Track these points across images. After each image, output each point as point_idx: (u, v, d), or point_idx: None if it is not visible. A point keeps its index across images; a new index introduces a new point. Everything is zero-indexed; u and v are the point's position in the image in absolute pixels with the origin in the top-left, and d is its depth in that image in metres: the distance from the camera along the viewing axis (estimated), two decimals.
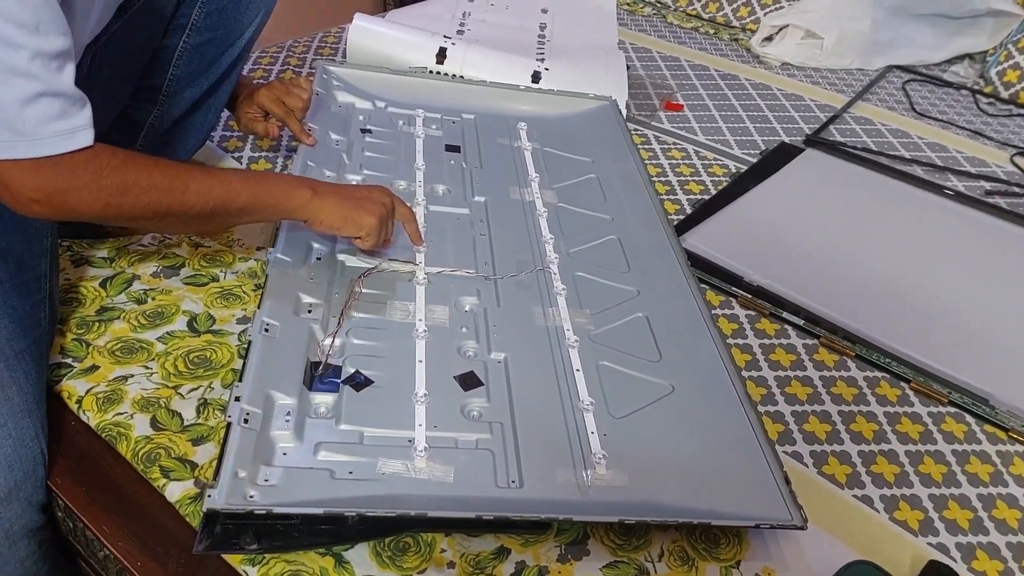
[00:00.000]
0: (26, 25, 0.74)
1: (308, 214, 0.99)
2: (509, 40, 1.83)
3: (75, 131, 0.80)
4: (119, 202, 0.85)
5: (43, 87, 0.76)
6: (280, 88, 1.30)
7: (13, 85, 0.75)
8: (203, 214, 0.92)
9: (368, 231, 1.02)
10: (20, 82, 0.75)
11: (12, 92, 0.75)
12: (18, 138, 0.77)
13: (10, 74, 0.74)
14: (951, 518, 0.96)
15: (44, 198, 0.81)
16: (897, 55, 2.19)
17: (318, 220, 1.00)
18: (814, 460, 1.01)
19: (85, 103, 0.81)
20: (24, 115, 0.76)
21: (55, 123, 0.78)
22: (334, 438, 0.86)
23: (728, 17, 2.33)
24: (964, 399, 1.12)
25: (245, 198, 0.94)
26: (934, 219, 1.53)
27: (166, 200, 0.88)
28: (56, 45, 0.77)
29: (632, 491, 0.86)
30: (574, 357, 1.02)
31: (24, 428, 0.89)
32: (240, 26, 1.21)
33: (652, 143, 1.68)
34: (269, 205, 0.97)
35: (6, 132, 0.76)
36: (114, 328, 1.06)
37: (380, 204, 1.04)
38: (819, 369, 1.15)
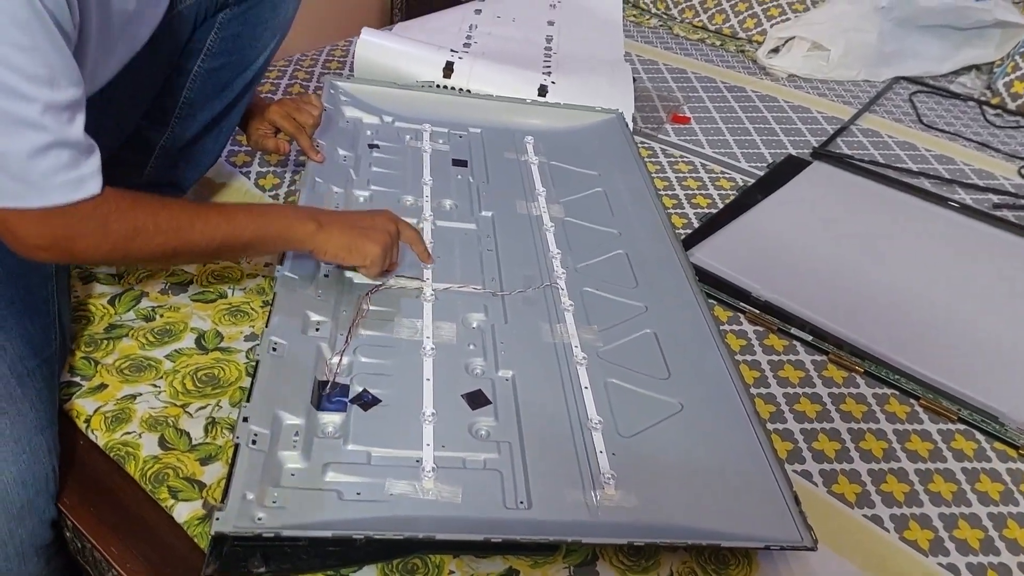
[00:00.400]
0: (39, 78, 0.74)
1: (314, 245, 1.00)
2: (516, 53, 1.83)
3: (83, 180, 0.80)
4: (126, 246, 0.86)
5: (53, 138, 0.76)
6: (291, 104, 1.30)
7: (24, 137, 0.75)
8: (209, 252, 0.93)
9: (372, 260, 1.03)
10: (30, 134, 0.75)
11: (22, 143, 0.75)
12: (27, 188, 0.77)
13: (21, 126, 0.74)
14: (961, 538, 0.96)
15: (51, 245, 0.82)
16: (904, 66, 2.19)
17: (323, 251, 1.01)
18: (824, 479, 1.01)
19: (93, 150, 0.82)
20: (33, 166, 0.76)
21: (64, 173, 0.78)
22: (342, 458, 0.86)
23: (735, 29, 2.33)
24: (974, 416, 1.12)
25: (250, 233, 0.95)
26: (942, 232, 1.53)
27: (172, 241, 0.89)
28: (68, 96, 0.77)
29: (641, 512, 0.86)
30: (582, 374, 1.02)
31: (37, 445, 0.89)
32: (255, 51, 1.21)
33: (659, 156, 1.68)
34: (274, 238, 0.98)
35: (15, 182, 0.76)
36: (122, 346, 1.06)
37: (384, 232, 1.05)
38: (828, 386, 1.15)
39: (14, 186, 0.76)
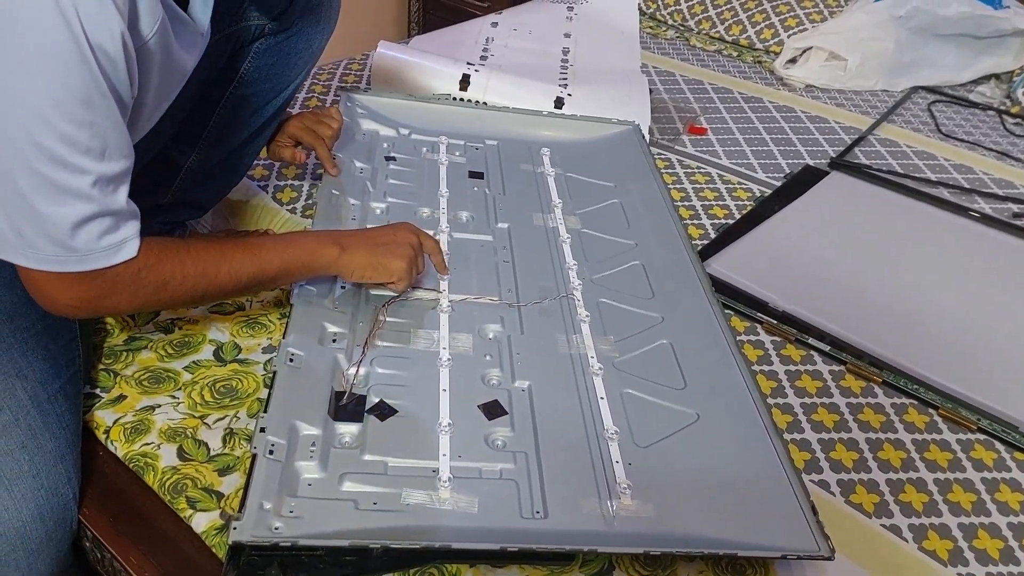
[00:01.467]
0: (92, 151, 0.75)
1: (338, 269, 1.01)
2: (532, 66, 1.84)
3: (122, 244, 0.81)
4: (156, 298, 0.88)
5: (99, 208, 0.78)
6: (311, 117, 1.31)
7: (71, 206, 0.76)
8: (237, 291, 0.95)
9: (399, 276, 1.04)
10: (78, 204, 0.76)
11: (69, 213, 0.76)
12: (67, 254, 0.78)
13: (69, 196, 0.76)
14: (980, 547, 0.95)
15: (84, 305, 0.84)
16: (922, 76, 2.19)
17: (349, 272, 1.02)
18: (841, 489, 1.00)
19: (135, 215, 0.83)
20: (76, 234, 0.77)
21: (105, 238, 0.80)
22: (359, 468, 0.86)
23: (751, 39, 2.33)
24: (993, 426, 1.11)
25: (276, 268, 0.96)
26: (961, 242, 1.52)
27: (201, 287, 0.90)
28: (117, 168, 0.79)
29: (657, 521, 0.86)
30: (598, 385, 1.02)
31: (57, 476, 0.89)
32: (287, 79, 1.23)
33: (675, 167, 1.68)
34: (299, 269, 0.99)
35: (58, 248, 0.78)
36: (141, 358, 1.07)
37: (407, 245, 1.05)
38: (846, 396, 1.14)
39: (54, 251, 0.78)
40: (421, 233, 1.09)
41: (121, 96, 0.77)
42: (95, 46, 0.72)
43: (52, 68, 0.71)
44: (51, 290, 0.82)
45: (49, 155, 0.73)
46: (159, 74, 0.84)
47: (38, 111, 0.71)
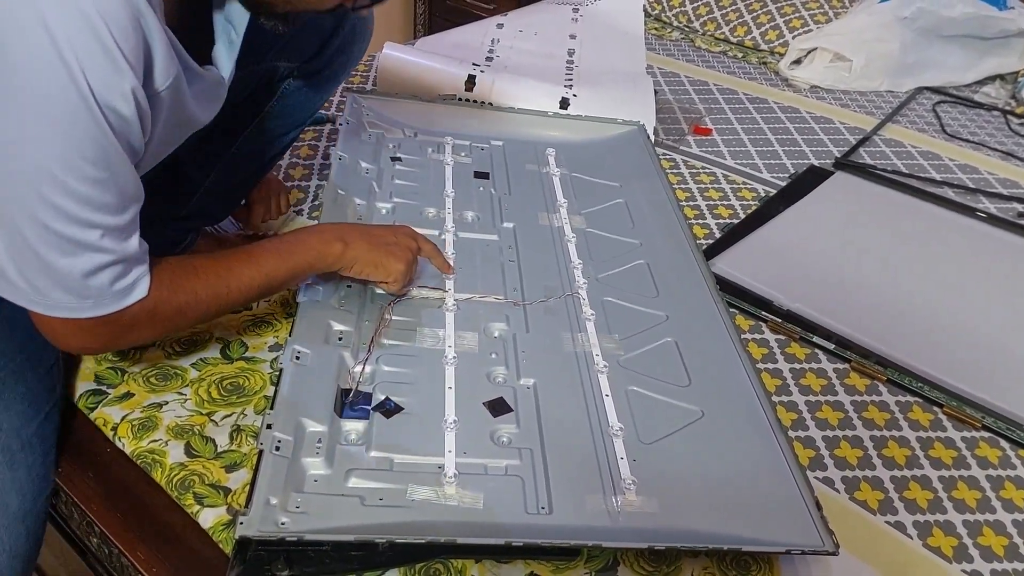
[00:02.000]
0: (106, 207, 0.76)
1: (341, 265, 1.02)
2: (537, 67, 1.84)
3: (134, 286, 0.82)
4: (173, 325, 0.90)
5: (111, 258, 0.78)
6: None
7: (83, 258, 0.76)
8: (248, 300, 0.97)
9: (396, 277, 1.05)
10: (89, 255, 0.77)
11: (81, 264, 0.76)
12: (80, 301, 0.78)
13: (82, 249, 0.76)
14: (986, 544, 0.95)
15: (102, 346, 0.88)
16: (926, 76, 2.19)
17: (349, 268, 1.03)
18: (846, 486, 1.01)
19: (144, 254, 0.83)
20: (90, 283, 0.78)
21: (117, 283, 0.80)
22: (364, 465, 0.87)
23: (756, 41, 2.34)
24: (998, 424, 1.11)
25: (283, 274, 0.97)
26: (966, 242, 1.52)
27: (214, 306, 0.92)
28: (128, 216, 0.79)
29: (662, 517, 0.86)
30: (603, 382, 1.02)
31: (18, 536, 0.88)
32: (309, 112, 1.25)
33: (680, 167, 1.69)
34: (305, 269, 1.00)
35: (71, 297, 0.78)
36: (149, 355, 1.07)
37: (407, 249, 1.07)
38: (850, 394, 1.15)
39: (68, 300, 0.78)
40: (420, 237, 1.10)
41: (133, 147, 0.77)
42: (106, 107, 0.70)
43: (63, 132, 0.70)
44: (66, 335, 0.83)
45: (62, 213, 0.73)
46: (166, 125, 0.83)
47: (50, 173, 0.71)
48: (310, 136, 1.64)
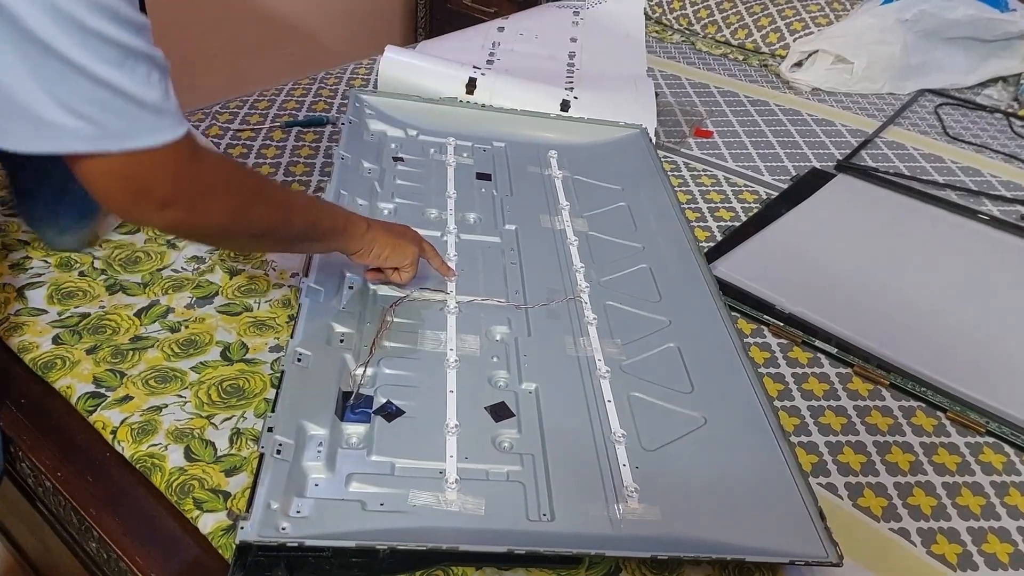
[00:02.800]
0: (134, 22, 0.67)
1: (363, 244, 1.01)
2: (538, 69, 1.84)
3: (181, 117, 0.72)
4: (240, 199, 0.81)
5: (159, 63, 0.69)
6: None
7: (133, 65, 0.67)
8: (274, 223, 0.88)
9: (411, 260, 1.05)
10: (134, 61, 0.67)
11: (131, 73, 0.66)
12: (141, 119, 0.67)
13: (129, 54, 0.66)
14: (990, 552, 0.95)
15: (184, 195, 0.74)
16: (929, 79, 2.18)
17: (370, 250, 1.02)
18: (849, 492, 1.00)
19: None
20: (147, 94, 0.67)
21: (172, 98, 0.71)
22: (365, 469, 0.86)
23: (757, 43, 2.33)
24: (1002, 429, 1.11)
25: (312, 216, 0.93)
26: (969, 244, 1.51)
27: (279, 214, 0.87)
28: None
29: (664, 525, 0.85)
30: (605, 388, 1.02)
31: None
32: None
33: (682, 170, 1.68)
34: (328, 231, 0.97)
35: (132, 113, 0.67)
36: (148, 357, 1.07)
37: (417, 239, 1.08)
38: (853, 398, 1.14)
39: (127, 122, 0.67)
40: (422, 238, 1.10)
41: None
42: None
43: None
44: (145, 177, 0.70)
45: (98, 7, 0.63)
46: None
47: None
48: (311, 136, 1.64)
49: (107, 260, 1.22)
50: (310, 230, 0.93)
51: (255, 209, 0.83)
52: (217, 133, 1.60)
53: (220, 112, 1.69)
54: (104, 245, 1.26)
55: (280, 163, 1.53)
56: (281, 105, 1.76)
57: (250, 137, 1.61)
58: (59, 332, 1.09)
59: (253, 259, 1.25)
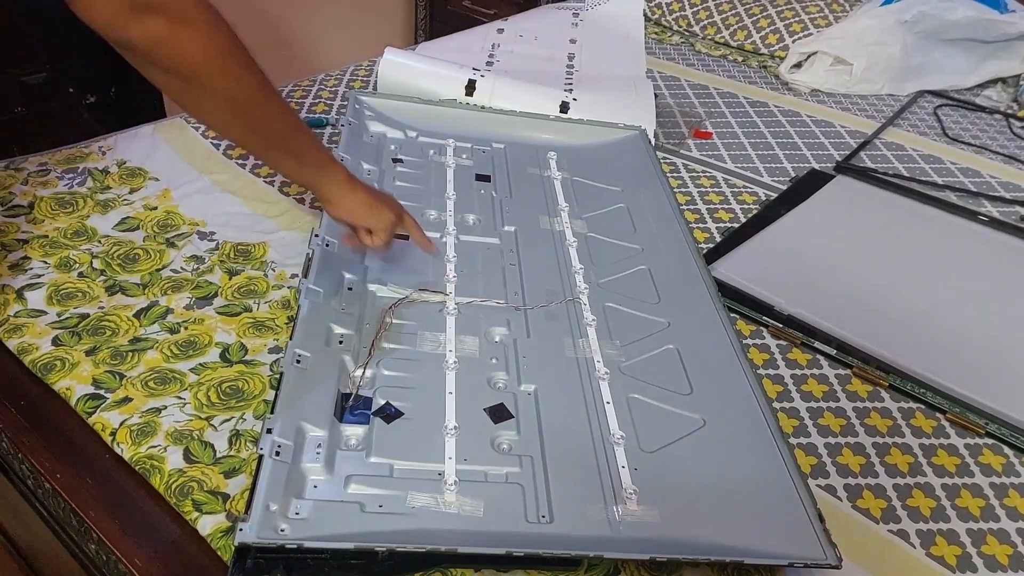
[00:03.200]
0: None
1: (340, 195, 1.00)
2: (538, 71, 1.84)
3: None
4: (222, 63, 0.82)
5: None
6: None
7: None
8: (277, 130, 0.91)
9: (386, 225, 1.04)
10: None
11: None
12: None
13: None
14: (990, 553, 0.94)
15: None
16: (928, 80, 2.18)
17: (345, 205, 1.01)
18: (848, 494, 1.00)
19: None
20: None
21: None
22: (364, 471, 0.86)
23: (756, 45, 2.33)
24: (1002, 430, 1.11)
25: (308, 143, 0.93)
26: (968, 246, 1.51)
27: (262, 94, 0.87)
28: None
29: (663, 527, 0.85)
30: (604, 390, 1.02)
31: None
32: None
33: (681, 171, 1.68)
34: (306, 149, 0.96)
35: None
36: (147, 358, 1.06)
37: (397, 206, 1.06)
38: (852, 400, 1.14)
39: None
40: (404, 210, 1.09)
41: None
42: None
43: None
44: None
45: None
46: None
47: None
48: None
49: (106, 259, 1.22)
50: (291, 136, 0.92)
51: (237, 65, 0.83)
52: (217, 135, 1.60)
53: None
54: (103, 242, 1.26)
55: None
56: None
57: None
58: (58, 333, 1.09)
59: (252, 260, 1.25)
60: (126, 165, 1.46)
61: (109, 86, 2.49)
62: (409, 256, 1.17)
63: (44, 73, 2.36)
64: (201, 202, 1.39)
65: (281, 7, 3.02)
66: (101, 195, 1.37)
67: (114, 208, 1.35)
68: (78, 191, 1.38)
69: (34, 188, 1.37)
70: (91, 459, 0.96)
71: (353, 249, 1.11)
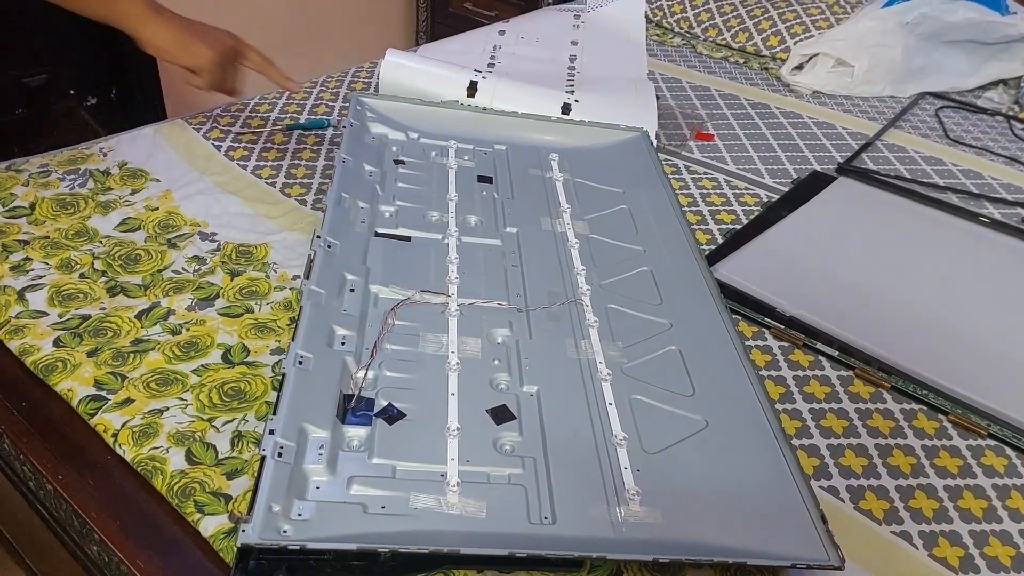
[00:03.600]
0: None
1: (142, 28, 0.93)
2: (539, 73, 1.84)
3: None
4: None
5: None
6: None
7: None
8: None
9: (203, 65, 0.96)
10: None
11: None
12: None
13: None
14: (992, 555, 0.94)
15: None
16: (929, 82, 2.18)
17: (149, 39, 0.94)
18: (850, 495, 1.00)
19: None
20: None
21: None
22: (367, 472, 0.86)
23: (758, 46, 2.33)
24: (1004, 431, 1.10)
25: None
26: (970, 247, 1.51)
27: None
28: None
29: (666, 528, 0.85)
30: (607, 391, 1.02)
31: None
32: None
33: (682, 173, 1.68)
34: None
35: None
36: (149, 359, 1.06)
37: (221, 42, 0.98)
38: (854, 401, 1.14)
39: None
40: (246, 44, 1.02)
41: None
42: None
43: None
44: None
45: None
46: None
47: None
48: (312, 140, 1.64)
49: (107, 260, 1.22)
50: None
51: None
52: (218, 136, 1.60)
53: (221, 115, 1.69)
54: (104, 242, 1.26)
55: (281, 166, 1.53)
56: (282, 108, 1.76)
57: (251, 140, 1.61)
58: (60, 335, 1.09)
59: (254, 261, 1.25)
60: (127, 166, 1.46)
61: (109, 88, 2.49)
62: (411, 258, 1.17)
63: (45, 75, 2.36)
64: (202, 203, 1.39)
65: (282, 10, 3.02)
66: (102, 196, 1.37)
67: (115, 209, 1.35)
68: (79, 192, 1.38)
69: (35, 189, 1.37)
70: (93, 461, 0.96)
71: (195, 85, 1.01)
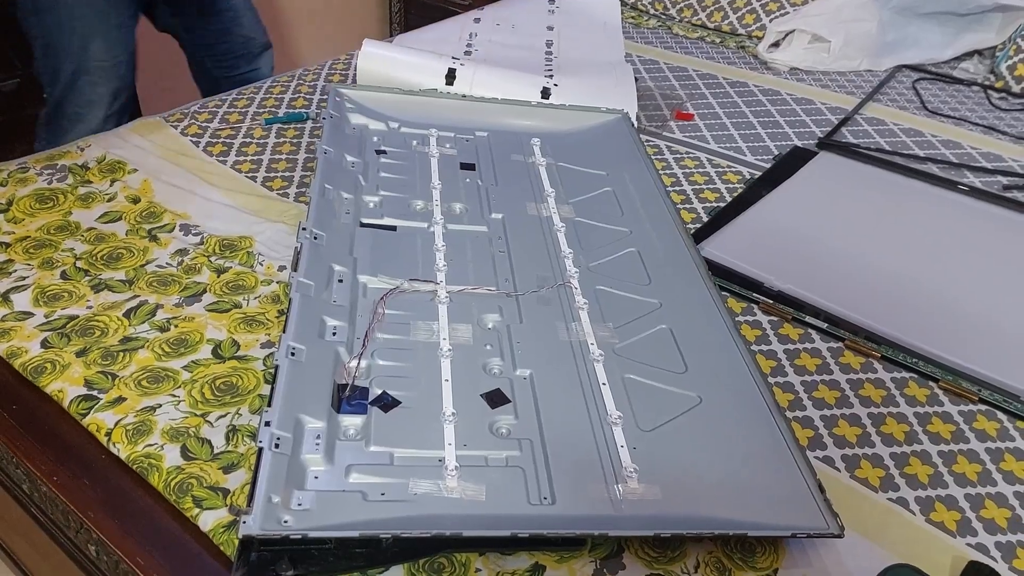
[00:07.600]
0: None
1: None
2: (517, 59, 1.83)
3: None
4: None
5: None
6: None
7: None
8: None
9: None
10: None
11: None
12: None
13: None
14: (988, 517, 0.95)
15: None
16: (905, 55, 2.19)
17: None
18: (846, 464, 1.01)
19: None
20: None
21: None
22: (365, 460, 0.86)
23: (733, 25, 2.33)
24: (994, 396, 1.11)
25: None
26: (952, 216, 1.52)
27: None
28: None
29: (665, 504, 0.86)
30: (599, 371, 1.02)
31: None
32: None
33: (665, 153, 1.68)
34: None
35: None
36: (139, 358, 1.06)
37: None
38: (845, 372, 1.15)
39: None
40: None
41: None
42: None
43: None
44: None
45: None
46: None
47: None
48: (292, 133, 1.63)
49: (88, 260, 1.21)
50: None
51: None
52: (197, 132, 1.59)
53: (199, 112, 1.68)
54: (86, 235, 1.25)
55: (262, 160, 1.52)
56: (260, 103, 1.75)
57: (230, 135, 1.60)
58: (47, 335, 1.08)
59: (239, 252, 1.25)
60: (106, 160, 1.45)
61: None
62: (398, 247, 1.17)
63: (17, 79, 2.34)
64: (182, 196, 1.38)
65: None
66: (82, 188, 1.37)
67: (97, 202, 1.34)
68: (58, 187, 1.37)
69: (13, 187, 1.36)
70: (88, 461, 0.95)
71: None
